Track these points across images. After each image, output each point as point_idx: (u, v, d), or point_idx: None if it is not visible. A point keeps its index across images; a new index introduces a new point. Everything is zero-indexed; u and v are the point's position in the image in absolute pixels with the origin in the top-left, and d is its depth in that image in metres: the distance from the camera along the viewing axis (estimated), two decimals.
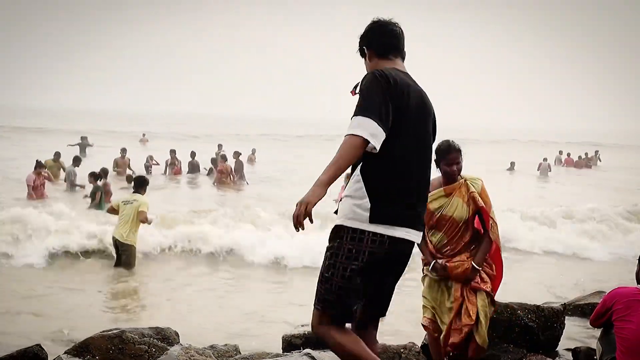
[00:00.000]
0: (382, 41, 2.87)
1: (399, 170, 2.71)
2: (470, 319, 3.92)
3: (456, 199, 4.02)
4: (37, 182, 12.91)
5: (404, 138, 2.70)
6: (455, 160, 4.00)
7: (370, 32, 2.90)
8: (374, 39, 2.87)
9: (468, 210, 4.01)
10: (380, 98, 2.62)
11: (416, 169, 2.78)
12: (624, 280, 6.25)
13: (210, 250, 9.45)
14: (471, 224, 4.05)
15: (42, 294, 7.13)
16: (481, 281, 4.02)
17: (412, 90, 2.77)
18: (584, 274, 8.89)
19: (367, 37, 2.90)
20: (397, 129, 2.66)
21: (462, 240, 4.04)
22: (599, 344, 3.90)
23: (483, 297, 4.01)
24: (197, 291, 7.68)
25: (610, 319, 3.70)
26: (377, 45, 2.87)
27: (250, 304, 7.01)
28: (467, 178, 4.09)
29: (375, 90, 2.64)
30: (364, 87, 2.69)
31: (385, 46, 2.87)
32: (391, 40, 2.87)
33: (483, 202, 4.01)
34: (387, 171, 2.68)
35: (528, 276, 8.70)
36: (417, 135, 2.78)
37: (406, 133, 2.71)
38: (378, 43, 2.87)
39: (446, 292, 4.05)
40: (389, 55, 2.86)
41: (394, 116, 2.64)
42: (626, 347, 3.56)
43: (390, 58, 2.86)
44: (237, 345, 4.72)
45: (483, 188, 4.10)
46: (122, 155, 18.01)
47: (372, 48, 2.88)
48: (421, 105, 2.82)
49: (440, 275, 4.01)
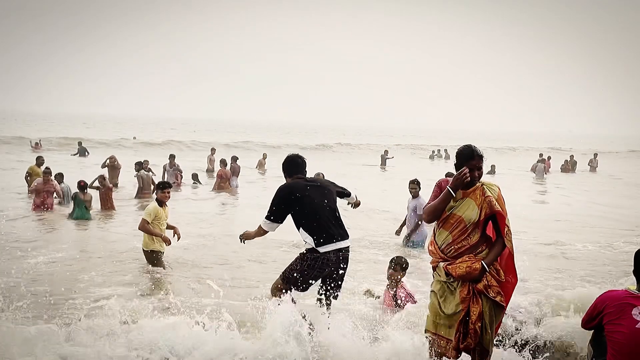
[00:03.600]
0: (290, 169, 5.24)
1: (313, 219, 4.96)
2: (477, 319, 3.99)
3: (469, 200, 4.08)
4: (40, 187, 12.64)
5: (307, 206, 4.95)
6: (476, 166, 4.09)
7: (284, 163, 5.28)
8: (286, 168, 5.26)
9: (479, 214, 4.06)
10: (276, 202, 5.01)
11: (324, 214, 4.98)
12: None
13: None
14: (480, 228, 4.10)
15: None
16: (496, 294, 4.05)
17: (307, 184, 5.10)
18: None
19: (284, 167, 5.29)
20: (301, 206, 4.96)
21: (467, 243, 4.08)
22: (589, 346, 3.94)
23: (490, 305, 4.05)
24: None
25: (601, 322, 3.74)
26: (287, 172, 5.25)
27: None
28: (484, 183, 4.16)
29: (277, 200, 5.03)
30: (275, 192, 5.08)
31: (292, 171, 5.24)
32: (296, 169, 5.21)
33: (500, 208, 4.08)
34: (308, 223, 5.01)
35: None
36: (316, 198, 5.02)
37: (310, 202, 4.97)
38: (288, 170, 5.25)
39: (452, 294, 4.10)
40: (293, 176, 5.21)
41: (292, 205, 4.98)
42: (617, 350, 3.61)
43: (294, 177, 5.20)
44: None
45: (499, 195, 4.15)
46: (112, 162, 17.36)
47: (285, 172, 5.26)
48: (314, 186, 5.13)
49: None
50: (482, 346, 4.05)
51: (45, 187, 12.75)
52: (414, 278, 7.75)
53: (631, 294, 3.69)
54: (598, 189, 22.98)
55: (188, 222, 12.11)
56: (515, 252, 4.23)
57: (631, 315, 3.60)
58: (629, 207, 16.94)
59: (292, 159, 5.26)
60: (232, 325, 4.97)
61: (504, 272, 4.18)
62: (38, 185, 12.75)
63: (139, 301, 5.98)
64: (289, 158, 5.28)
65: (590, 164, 32.18)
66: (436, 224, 4.24)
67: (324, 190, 5.14)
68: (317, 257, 4.86)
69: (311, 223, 4.88)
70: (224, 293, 6.41)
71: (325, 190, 5.14)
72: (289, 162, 5.25)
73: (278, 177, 21.69)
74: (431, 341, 4.24)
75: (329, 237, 4.88)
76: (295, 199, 4.94)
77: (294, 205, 4.95)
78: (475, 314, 3.98)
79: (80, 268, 8.16)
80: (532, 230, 12.10)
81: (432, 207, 4.19)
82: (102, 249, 9.45)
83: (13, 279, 7.29)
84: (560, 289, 7.16)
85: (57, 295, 6.67)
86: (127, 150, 33.26)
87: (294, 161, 5.23)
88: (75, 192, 12.02)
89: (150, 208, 7.96)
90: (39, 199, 12.69)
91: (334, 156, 40.28)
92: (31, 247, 9.30)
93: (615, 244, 10.95)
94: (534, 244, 10.81)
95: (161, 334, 4.91)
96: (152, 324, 5.06)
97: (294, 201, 4.95)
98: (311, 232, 4.87)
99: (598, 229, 12.91)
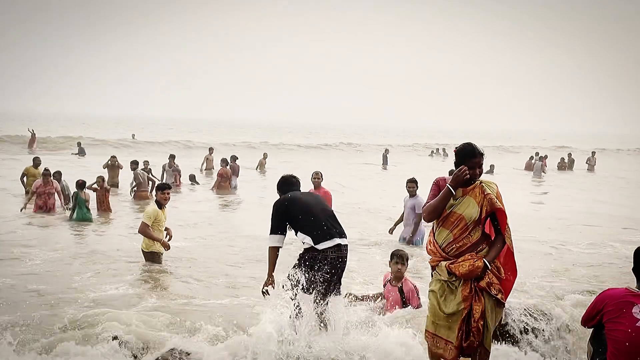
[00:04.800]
0: (284, 188, 5.46)
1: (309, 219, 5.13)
2: (480, 317, 3.98)
3: (469, 198, 4.09)
4: (41, 190, 12.59)
5: (303, 208, 5.15)
6: (478, 164, 4.10)
7: (279, 183, 5.54)
8: (280, 187, 5.50)
9: (480, 211, 4.07)
10: (277, 217, 5.18)
11: (318, 214, 5.14)
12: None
13: None
14: (481, 226, 4.11)
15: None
16: (497, 292, 4.06)
17: (301, 195, 5.38)
18: None
19: (278, 187, 5.53)
20: (296, 209, 5.16)
21: (468, 241, 4.09)
22: (589, 345, 3.93)
23: (492, 303, 4.05)
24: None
25: (601, 320, 3.73)
26: (282, 190, 5.46)
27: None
28: (483, 181, 4.17)
29: (274, 213, 5.20)
30: (272, 207, 5.26)
31: (286, 190, 5.44)
32: (290, 187, 5.44)
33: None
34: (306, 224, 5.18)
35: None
36: (311, 202, 5.28)
37: (305, 204, 5.19)
38: (283, 189, 5.46)
39: (452, 293, 4.09)
40: (286, 193, 5.39)
41: (288, 211, 5.17)
42: (617, 348, 3.60)
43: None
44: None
45: (498, 192, 4.17)
46: (113, 162, 17.26)
47: (280, 191, 5.48)
48: (308, 194, 5.59)
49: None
50: (483, 346, 4.04)
51: (45, 188, 12.69)
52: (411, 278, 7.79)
53: (631, 292, 3.68)
54: (596, 187, 22.95)
55: (188, 222, 12.13)
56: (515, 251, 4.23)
57: (631, 314, 3.59)
58: (628, 205, 16.90)
59: (287, 178, 5.52)
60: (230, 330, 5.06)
61: (504, 268, 4.18)
62: (39, 187, 12.66)
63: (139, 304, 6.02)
64: (284, 178, 5.53)
65: (589, 162, 32.15)
66: (435, 223, 4.24)
67: (318, 196, 5.52)
68: (316, 256, 4.92)
69: (307, 223, 5.03)
70: (224, 294, 6.44)
71: (318, 196, 5.50)
72: (283, 181, 5.50)
73: (278, 177, 21.79)
74: (430, 342, 4.23)
75: (326, 234, 4.99)
76: (290, 204, 5.17)
77: (290, 211, 5.14)
78: (478, 312, 3.99)
79: (77, 269, 8.15)
80: (530, 229, 12.12)
81: (431, 206, 4.20)
82: (101, 249, 9.45)
83: (10, 279, 7.34)
84: (559, 290, 7.20)
85: (50, 294, 6.67)
86: (126, 150, 33.26)
87: (288, 181, 5.49)
88: (76, 191, 11.95)
89: (150, 211, 7.92)
90: (40, 200, 12.65)
91: (335, 155, 40.30)
92: (30, 248, 9.33)
93: (613, 243, 10.94)
94: (531, 242, 10.82)
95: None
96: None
97: (290, 206, 5.16)
98: (309, 232, 5.01)
99: (596, 228, 12.90)
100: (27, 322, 5.40)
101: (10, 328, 5.24)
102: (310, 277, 4.92)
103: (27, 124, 45.41)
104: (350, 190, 18.43)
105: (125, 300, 6.57)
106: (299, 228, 5.07)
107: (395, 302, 5.94)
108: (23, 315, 5.64)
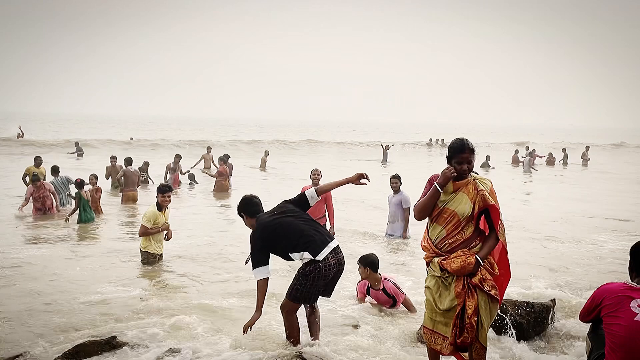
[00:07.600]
0: (249, 209, 5.26)
1: (298, 236, 4.95)
2: (473, 313, 3.99)
3: (462, 194, 4.09)
4: (35, 195, 12.59)
5: (287, 229, 4.96)
6: (467, 159, 4.10)
7: (241, 206, 5.30)
8: (244, 209, 5.28)
9: (472, 208, 4.07)
10: (258, 247, 4.96)
11: (303, 227, 4.99)
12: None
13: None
14: (474, 222, 4.11)
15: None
16: (491, 288, 4.07)
17: (271, 215, 5.13)
18: None
19: (242, 209, 5.30)
20: (290, 234, 4.95)
21: (461, 237, 4.09)
22: (588, 339, 3.94)
23: (485, 299, 4.05)
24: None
25: (599, 314, 3.74)
26: (247, 212, 5.27)
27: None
28: (477, 177, 4.17)
29: (257, 245, 4.98)
30: (250, 240, 5.05)
31: (251, 211, 5.26)
32: (255, 207, 5.26)
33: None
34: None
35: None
36: (288, 218, 5.07)
37: (286, 224, 5.00)
38: (248, 211, 5.26)
39: (447, 290, 4.10)
40: (254, 215, 5.22)
41: (270, 239, 4.97)
42: (615, 342, 3.60)
43: (255, 216, 5.21)
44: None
45: (492, 189, 4.17)
46: (113, 163, 17.07)
47: (245, 213, 5.27)
48: (278, 212, 5.14)
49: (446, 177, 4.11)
50: (478, 342, 4.05)
51: (39, 192, 12.69)
52: (405, 274, 7.82)
53: (629, 286, 3.68)
54: (587, 183, 22.86)
55: (188, 222, 12.13)
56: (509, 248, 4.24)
57: (629, 308, 3.59)
58: (619, 202, 16.82)
59: (249, 199, 5.32)
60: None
61: (498, 265, 4.19)
62: (32, 193, 12.66)
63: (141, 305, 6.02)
64: (245, 200, 5.32)
65: (583, 157, 32.17)
66: (429, 219, 4.25)
67: (288, 209, 5.21)
68: (319, 267, 4.84)
69: (299, 240, 4.89)
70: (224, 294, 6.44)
71: (288, 208, 5.22)
72: (247, 203, 5.30)
73: (279, 176, 21.80)
74: (427, 338, 4.24)
75: (321, 242, 4.91)
76: (271, 232, 4.99)
77: (279, 235, 4.97)
78: (471, 309, 3.99)
79: (77, 268, 8.16)
80: (524, 224, 12.14)
81: (421, 204, 4.23)
82: (101, 249, 9.47)
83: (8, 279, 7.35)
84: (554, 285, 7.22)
85: (48, 294, 6.67)
86: (126, 151, 33.21)
87: (251, 201, 5.30)
88: (78, 192, 11.88)
89: (149, 213, 7.92)
90: (37, 203, 12.69)
91: (335, 151, 40.29)
92: (29, 248, 9.35)
93: (606, 240, 10.91)
94: (525, 238, 10.83)
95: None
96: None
97: (271, 234, 4.98)
98: (304, 247, 4.87)
99: (585, 224, 12.82)
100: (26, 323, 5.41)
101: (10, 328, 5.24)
102: (316, 289, 4.91)
103: (26, 124, 45.44)
104: (349, 188, 18.30)
105: (125, 300, 6.59)
106: (291, 249, 4.91)
107: (385, 303, 6.30)
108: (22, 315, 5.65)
